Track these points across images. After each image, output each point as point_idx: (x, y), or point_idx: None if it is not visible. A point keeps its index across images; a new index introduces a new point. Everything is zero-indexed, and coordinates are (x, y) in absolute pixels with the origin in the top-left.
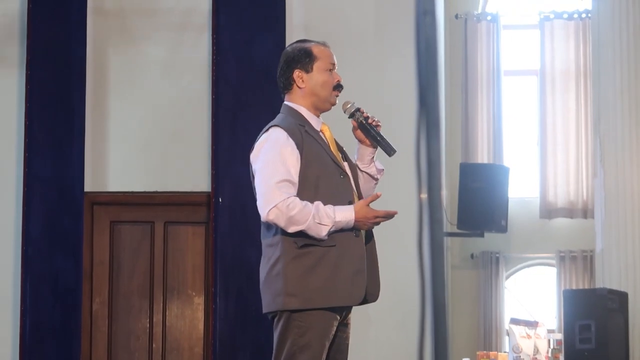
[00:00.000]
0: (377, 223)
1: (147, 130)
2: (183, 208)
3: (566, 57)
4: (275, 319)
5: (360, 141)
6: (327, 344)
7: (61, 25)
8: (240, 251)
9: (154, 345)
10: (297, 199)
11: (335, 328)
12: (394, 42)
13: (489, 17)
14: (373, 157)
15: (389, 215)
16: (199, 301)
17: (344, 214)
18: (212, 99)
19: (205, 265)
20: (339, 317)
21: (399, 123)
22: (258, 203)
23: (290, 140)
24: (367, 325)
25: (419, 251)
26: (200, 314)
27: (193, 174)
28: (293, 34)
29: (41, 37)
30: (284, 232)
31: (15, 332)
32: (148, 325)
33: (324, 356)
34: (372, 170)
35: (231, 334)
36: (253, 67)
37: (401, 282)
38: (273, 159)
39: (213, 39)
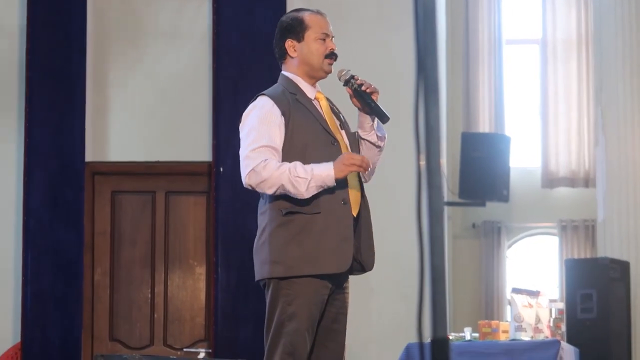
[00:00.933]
0: (354, 165)
1: (148, 100)
2: (184, 178)
3: (568, 25)
4: (265, 287)
5: (359, 109)
6: (317, 313)
7: None
8: (242, 221)
9: (155, 316)
10: (274, 160)
11: (326, 296)
12: (395, 9)
13: None
14: (373, 124)
15: (363, 162)
16: (201, 271)
17: (322, 167)
18: (213, 68)
19: (206, 235)
20: (330, 285)
21: (399, 90)
22: (241, 169)
23: (276, 107)
24: (369, 295)
25: (417, 218)
26: (202, 284)
27: (194, 144)
28: (294, 4)
29: (41, 7)
30: (271, 201)
31: (17, 303)
32: (149, 295)
33: (314, 324)
34: (372, 138)
35: (233, 304)
36: (254, 37)
37: (402, 251)
38: (256, 126)
39: (214, 8)
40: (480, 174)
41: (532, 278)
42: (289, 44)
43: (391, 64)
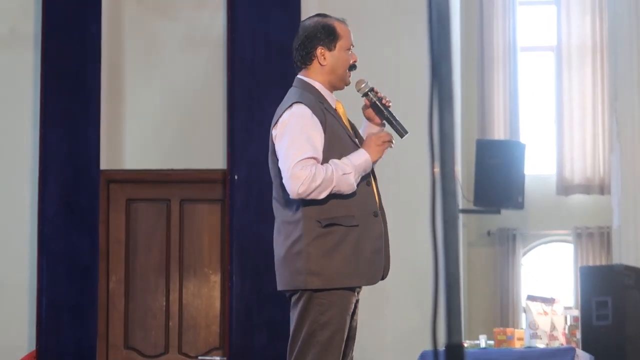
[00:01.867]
0: (386, 143)
1: (162, 108)
2: (199, 185)
3: (582, 32)
4: (294, 297)
5: (368, 119)
6: (349, 321)
7: (76, 2)
8: (256, 228)
9: (170, 324)
10: (317, 164)
11: (353, 306)
12: (409, 15)
13: None
14: (378, 134)
15: (390, 136)
16: (215, 279)
17: (358, 156)
18: (228, 75)
19: (221, 243)
20: (357, 296)
21: (413, 97)
22: (285, 182)
23: (315, 117)
24: (384, 303)
25: (432, 224)
26: (217, 292)
27: (209, 151)
28: (308, 10)
29: (56, 14)
30: (305, 211)
31: (32, 311)
32: (164, 303)
33: (346, 333)
34: None
35: (247, 312)
36: (268, 43)
37: (417, 258)
38: (299, 137)
39: (228, 16)
40: (495, 181)
41: (547, 285)
42: (321, 51)
43: (406, 69)
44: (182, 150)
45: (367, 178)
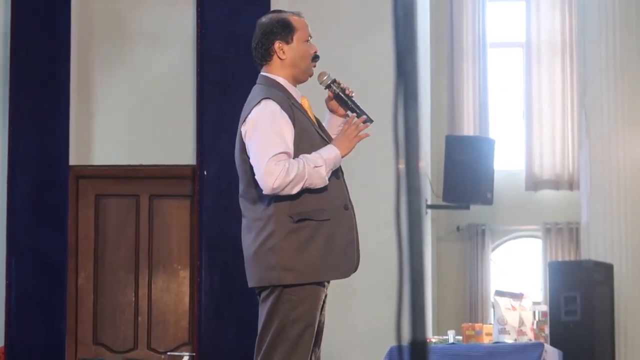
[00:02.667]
0: (358, 137)
1: (132, 104)
2: (168, 181)
3: (552, 28)
4: (264, 293)
5: (332, 111)
6: (318, 316)
7: None
8: (226, 225)
9: (139, 319)
10: (290, 160)
11: (322, 301)
12: (376, 11)
13: None
14: (345, 130)
15: (360, 127)
16: (185, 275)
17: (327, 151)
18: (197, 72)
19: (190, 239)
20: (325, 291)
21: (379, 93)
22: (258, 177)
23: (284, 113)
24: (352, 298)
25: (396, 221)
26: (186, 288)
27: (178, 147)
28: (278, 6)
29: (25, 10)
30: (276, 206)
31: (1, 307)
32: (134, 299)
33: (316, 329)
34: None
35: (217, 308)
36: (238, 40)
37: (385, 252)
38: (269, 133)
39: (198, 12)
40: (464, 177)
41: (516, 281)
42: (279, 45)
43: (371, 65)
44: (151, 146)
45: (337, 172)
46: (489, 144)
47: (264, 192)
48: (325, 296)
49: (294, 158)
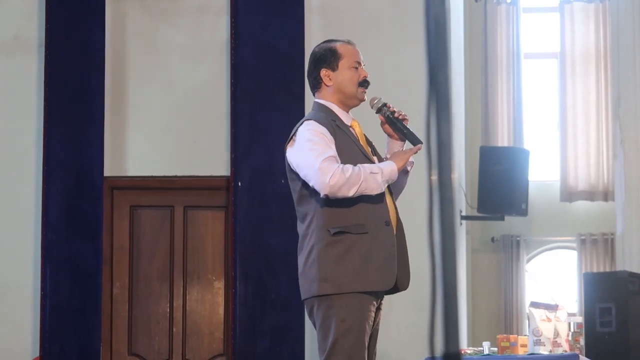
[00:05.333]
0: (411, 153)
1: (166, 114)
2: (202, 192)
3: (586, 39)
4: (315, 307)
5: (389, 135)
6: (369, 328)
7: (80, 9)
8: (260, 235)
9: (174, 330)
10: (347, 164)
11: (373, 313)
12: (410, 23)
13: (508, 0)
14: (402, 150)
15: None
16: (219, 285)
17: (385, 164)
18: (231, 82)
19: (224, 249)
20: (375, 303)
21: (412, 105)
22: (314, 183)
23: (325, 129)
24: (387, 309)
25: (429, 233)
26: (220, 299)
27: (212, 158)
28: (311, 18)
29: (60, 21)
30: (317, 221)
31: (36, 317)
32: (168, 309)
33: (367, 339)
34: None
35: (251, 318)
36: (271, 50)
37: (421, 265)
38: (315, 143)
39: (232, 23)
40: (499, 188)
41: (551, 292)
42: (324, 73)
43: (404, 78)
44: (185, 157)
45: (387, 217)
46: (524, 154)
47: (321, 194)
48: (379, 307)
49: None
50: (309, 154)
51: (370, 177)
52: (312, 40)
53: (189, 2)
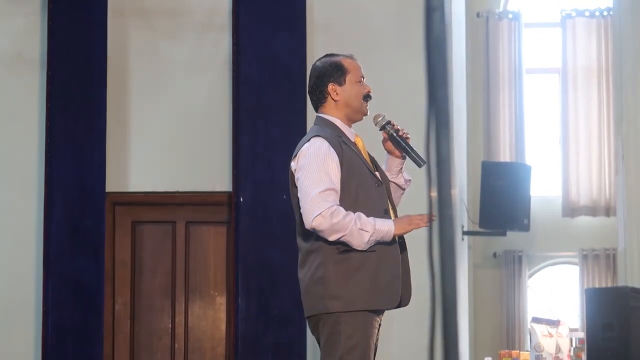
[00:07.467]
0: (420, 223)
1: (168, 130)
2: (204, 208)
3: (588, 55)
4: (320, 323)
5: (389, 152)
6: (373, 345)
7: (82, 25)
8: (262, 251)
9: (176, 346)
10: (341, 207)
11: (377, 329)
12: (411, 40)
13: (510, 16)
14: (401, 167)
15: (424, 219)
16: (221, 301)
17: (383, 222)
18: (233, 98)
19: (227, 265)
20: (378, 320)
21: (411, 122)
22: (302, 211)
23: (332, 150)
24: (389, 324)
25: (429, 249)
26: (223, 314)
27: (214, 174)
28: (314, 33)
29: (62, 38)
30: (324, 239)
31: (38, 334)
32: (170, 325)
33: (372, 355)
34: (400, 181)
35: (253, 334)
36: (274, 66)
37: (421, 281)
38: (317, 168)
39: (234, 38)
40: (500, 203)
41: (553, 307)
42: (332, 87)
43: (404, 94)
44: (187, 172)
45: (385, 206)
46: (525, 170)
47: (305, 226)
48: (379, 325)
49: (342, 194)
50: (306, 181)
51: (357, 233)
52: (315, 56)
53: (192, 18)
